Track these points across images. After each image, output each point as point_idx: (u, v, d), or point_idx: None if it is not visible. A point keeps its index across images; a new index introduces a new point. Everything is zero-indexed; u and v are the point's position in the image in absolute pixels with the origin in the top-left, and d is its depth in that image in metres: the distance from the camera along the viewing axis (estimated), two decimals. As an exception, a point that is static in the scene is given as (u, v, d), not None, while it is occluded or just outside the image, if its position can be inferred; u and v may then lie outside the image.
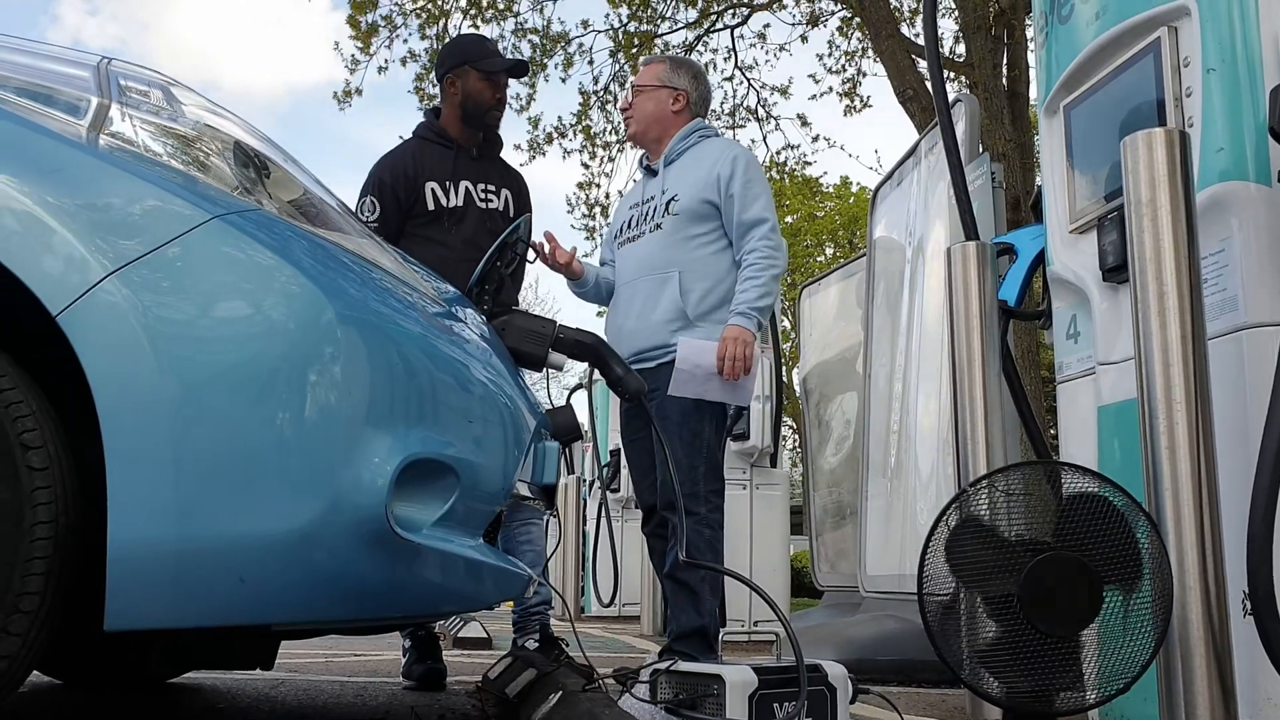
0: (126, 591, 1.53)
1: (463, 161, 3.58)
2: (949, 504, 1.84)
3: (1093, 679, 1.81)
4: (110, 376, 1.54)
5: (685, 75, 3.48)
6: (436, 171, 3.53)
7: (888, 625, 4.17)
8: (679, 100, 3.40)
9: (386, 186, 3.49)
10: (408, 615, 2.16)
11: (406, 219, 3.50)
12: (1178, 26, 2.36)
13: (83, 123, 1.73)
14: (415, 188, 3.50)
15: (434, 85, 11.45)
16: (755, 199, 3.20)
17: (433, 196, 3.50)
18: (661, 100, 3.40)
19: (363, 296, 1.77)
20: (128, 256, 1.58)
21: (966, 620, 1.85)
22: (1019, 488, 1.84)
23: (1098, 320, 2.57)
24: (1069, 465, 1.88)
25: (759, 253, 3.13)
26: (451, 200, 3.51)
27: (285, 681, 3.47)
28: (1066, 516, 1.80)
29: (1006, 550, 1.78)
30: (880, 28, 9.24)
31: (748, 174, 3.22)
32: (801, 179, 16.32)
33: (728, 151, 3.29)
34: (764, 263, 3.11)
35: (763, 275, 3.09)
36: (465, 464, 1.83)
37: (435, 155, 3.56)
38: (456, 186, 3.54)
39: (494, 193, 3.61)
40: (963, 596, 1.83)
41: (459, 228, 3.50)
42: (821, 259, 22.18)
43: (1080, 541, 1.79)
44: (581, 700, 2.15)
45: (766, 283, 3.09)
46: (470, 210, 3.54)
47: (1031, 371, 7.16)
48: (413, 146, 3.62)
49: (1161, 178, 2.01)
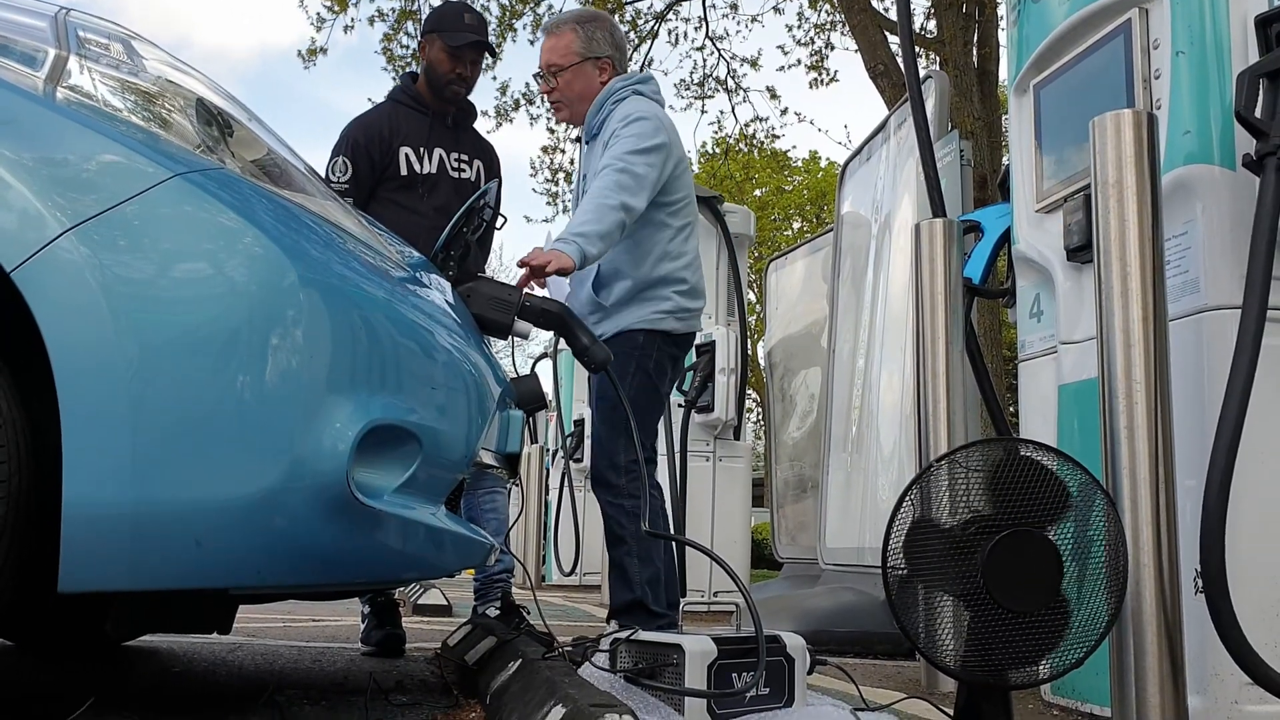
0: (81, 553, 1.51)
1: (438, 128, 3.53)
2: (911, 483, 1.85)
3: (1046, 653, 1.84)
4: (66, 335, 1.51)
5: (603, 38, 3.19)
6: (411, 136, 3.48)
7: (845, 598, 4.21)
8: (604, 68, 3.16)
9: (360, 147, 3.44)
10: (368, 581, 2.16)
11: (379, 182, 3.46)
12: (1148, 8, 2.37)
13: (39, 74, 1.69)
14: (389, 150, 3.45)
15: (400, 47, 11.38)
16: (620, 140, 2.96)
17: (406, 162, 3.46)
18: (588, 74, 3.15)
19: (326, 259, 1.75)
20: (85, 213, 1.55)
21: (924, 593, 1.87)
22: (979, 464, 1.85)
23: (1061, 300, 2.59)
24: (1029, 442, 1.90)
25: (596, 187, 2.90)
26: (425, 167, 3.48)
27: (242, 646, 3.46)
28: (1001, 488, 1.82)
29: (961, 541, 1.80)
30: (853, 2, 9.22)
31: (624, 130, 2.98)
32: (770, 153, 16.32)
33: (618, 115, 3.05)
34: (595, 193, 2.88)
35: (590, 202, 2.87)
36: (428, 431, 1.82)
37: (410, 120, 3.51)
38: (430, 153, 3.50)
39: (467, 163, 3.57)
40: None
41: (431, 195, 3.46)
42: (789, 233, 22.21)
43: (1024, 511, 1.81)
44: (541, 668, 2.15)
45: (591, 210, 2.85)
46: (443, 179, 3.50)
47: (993, 349, 7.22)
48: (387, 109, 3.57)
49: (1128, 159, 2.02)
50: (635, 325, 3.03)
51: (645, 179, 2.91)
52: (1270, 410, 2.13)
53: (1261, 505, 2.14)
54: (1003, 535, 1.78)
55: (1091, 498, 1.84)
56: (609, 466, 2.98)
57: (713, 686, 1.93)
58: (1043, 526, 1.81)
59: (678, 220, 3.10)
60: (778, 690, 2.04)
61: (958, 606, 1.82)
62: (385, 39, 11.42)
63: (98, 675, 2.69)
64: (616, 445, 2.97)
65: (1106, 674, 1.98)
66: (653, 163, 2.94)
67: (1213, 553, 1.90)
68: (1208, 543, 1.90)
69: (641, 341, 3.04)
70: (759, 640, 1.98)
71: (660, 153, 2.96)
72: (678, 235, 3.10)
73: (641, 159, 2.92)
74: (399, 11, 11.31)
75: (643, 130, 2.96)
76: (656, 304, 3.05)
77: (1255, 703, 2.08)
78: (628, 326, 3.03)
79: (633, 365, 3.01)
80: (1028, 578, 1.79)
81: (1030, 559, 1.79)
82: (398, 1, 11.32)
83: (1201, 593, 1.97)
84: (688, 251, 3.13)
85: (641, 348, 3.03)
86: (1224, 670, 2.05)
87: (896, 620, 1.84)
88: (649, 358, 3.05)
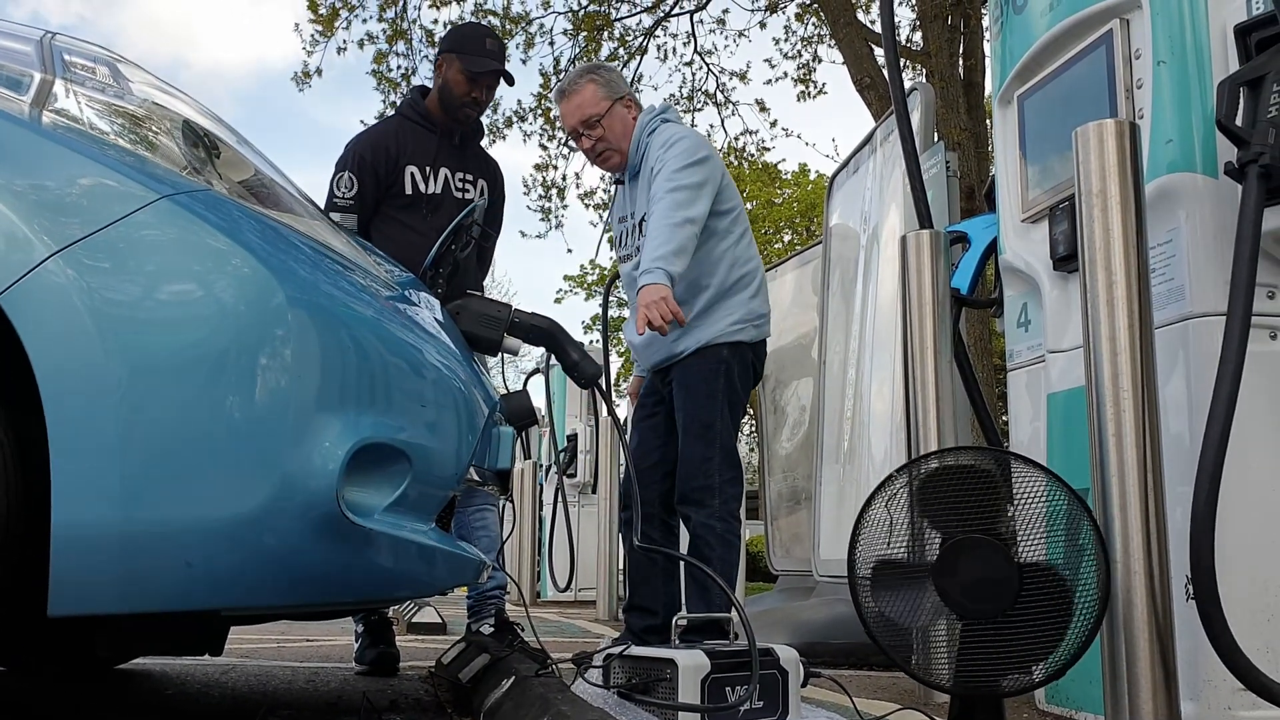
0: (71, 576, 1.51)
1: (444, 147, 3.51)
2: (861, 510, 1.88)
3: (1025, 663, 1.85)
4: (54, 358, 1.51)
5: (617, 79, 3.37)
6: (417, 155, 3.46)
7: (840, 609, 4.20)
8: (630, 105, 3.31)
9: (366, 163, 3.41)
10: (359, 600, 2.15)
11: (382, 199, 3.44)
12: (1129, 19, 2.39)
13: (25, 99, 1.69)
14: (395, 168, 3.43)
15: (389, 69, 11.40)
16: (665, 164, 3.08)
17: (411, 181, 3.44)
18: (621, 114, 3.27)
19: (314, 279, 1.75)
20: (72, 236, 1.55)
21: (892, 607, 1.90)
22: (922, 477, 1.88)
23: (1048, 309, 2.60)
24: (1005, 452, 1.91)
25: (657, 212, 3.01)
26: (430, 187, 3.46)
27: (235, 667, 3.44)
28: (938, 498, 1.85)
29: (909, 562, 1.83)
30: (838, 15, 9.26)
31: (663, 153, 3.11)
32: (760, 165, 16.36)
33: (656, 143, 3.18)
34: (658, 217, 2.99)
35: (656, 227, 2.98)
36: (418, 449, 1.82)
37: (417, 137, 3.49)
38: (436, 173, 3.48)
39: (471, 183, 3.56)
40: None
41: (434, 215, 3.44)
42: (779, 245, 22.25)
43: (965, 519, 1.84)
44: (534, 685, 2.15)
45: (659, 233, 2.96)
46: (446, 199, 3.49)
47: (983, 359, 7.24)
48: (394, 125, 3.55)
49: (1112, 168, 2.03)
50: (717, 339, 3.11)
51: (699, 186, 3.05)
52: (1256, 415, 2.14)
53: (1250, 510, 2.14)
54: (950, 543, 1.81)
55: (1078, 520, 1.85)
56: (703, 487, 3.01)
57: (706, 701, 1.93)
58: (994, 530, 1.83)
59: (738, 227, 3.25)
60: (771, 703, 2.04)
61: (936, 619, 1.84)
62: (376, 60, 11.46)
63: (90, 698, 2.68)
64: (712, 464, 3.01)
65: (1100, 681, 1.98)
66: (701, 172, 3.08)
67: (1202, 558, 1.91)
68: (1197, 549, 1.91)
69: (726, 355, 3.13)
70: (752, 653, 1.98)
71: (708, 163, 3.12)
72: (740, 240, 3.24)
73: (688, 173, 3.06)
74: (390, 32, 11.35)
75: (684, 148, 3.11)
76: (731, 314, 3.14)
77: (1248, 708, 2.08)
78: (709, 341, 3.10)
79: (721, 380, 3.09)
80: (981, 582, 1.80)
81: (981, 563, 1.81)
82: (387, 24, 11.37)
83: (1192, 599, 1.97)
84: (753, 255, 3.28)
85: (726, 361, 3.13)
86: (1216, 676, 2.06)
87: (877, 644, 1.86)
88: (734, 370, 3.14)
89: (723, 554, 3.00)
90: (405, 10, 11.36)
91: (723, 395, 3.11)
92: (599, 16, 11.71)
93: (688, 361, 3.14)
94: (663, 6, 12.20)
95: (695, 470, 3.05)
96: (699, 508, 3.03)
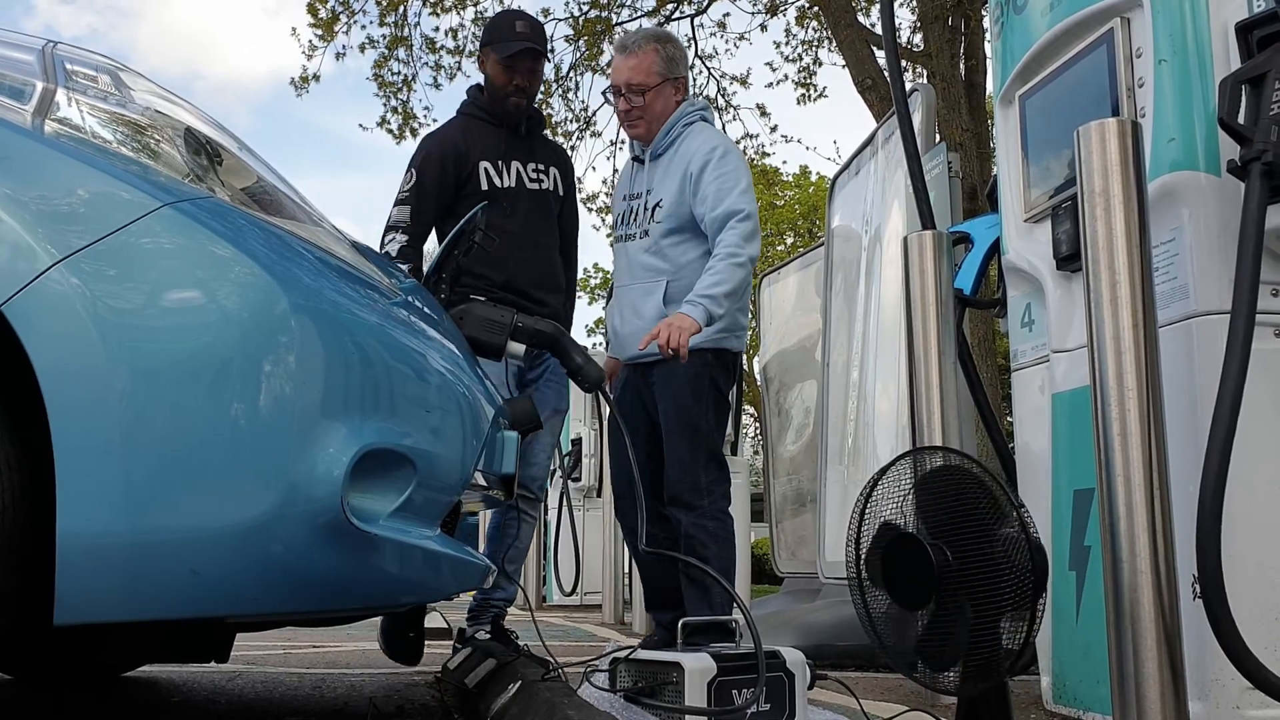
0: (77, 585, 1.51)
1: (512, 140, 3.43)
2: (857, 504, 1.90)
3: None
4: (58, 367, 1.51)
5: (680, 58, 3.30)
6: (488, 150, 3.38)
7: (845, 611, 4.19)
8: (680, 88, 3.27)
9: (433, 157, 3.33)
10: (365, 606, 2.15)
11: (457, 197, 3.35)
12: (1130, 18, 2.38)
13: (27, 108, 1.70)
14: (467, 163, 3.35)
15: (391, 74, 11.41)
16: (727, 193, 3.11)
17: (486, 176, 3.35)
18: (667, 95, 3.23)
19: (318, 285, 1.75)
20: (75, 245, 1.55)
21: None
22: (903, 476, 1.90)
23: (1051, 308, 2.60)
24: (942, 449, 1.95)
25: (724, 243, 3.06)
26: (504, 181, 3.38)
27: (242, 674, 3.44)
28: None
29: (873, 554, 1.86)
30: (839, 17, 9.26)
31: (720, 168, 3.13)
32: (761, 169, 16.36)
33: (702, 147, 3.18)
34: (724, 251, 3.05)
35: (720, 264, 3.03)
36: (422, 454, 1.82)
37: (485, 132, 3.42)
38: (509, 166, 3.40)
39: (543, 172, 3.47)
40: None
41: (514, 211, 3.36)
42: (781, 248, 22.24)
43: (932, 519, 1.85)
44: (540, 690, 2.15)
45: (722, 270, 3.01)
46: (521, 192, 3.40)
47: (987, 359, 7.24)
48: (460, 123, 3.47)
49: (1114, 167, 2.02)
50: (702, 344, 3.09)
51: (755, 214, 3.14)
52: (1262, 413, 2.14)
53: (1257, 508, 2.14)
54: (890, 540, 1.84)
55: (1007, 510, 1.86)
56: (691, 488, 3.02)
57: (713, 704, 1.92)
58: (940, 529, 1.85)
59: None
60: (778, 706, 2.04)
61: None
62: (376, 65, 11.47)
63: (96, 706, 2.68)
64: (699, 466, 3.01)
65: (1107, 682, 1.98)
66: (752, 195, 3.17)
67: (1209, 558, 1.90)
68: (1204, 548, 1.90)
69: (711, 360, 3.14)
70: (758, 656, 1.98)
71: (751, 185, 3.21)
72: None
73: (749, 198, 3.14)
74: (390, 38, 11.36)
75: (737, 166, 3.17)
76: (719, 321, 3.10)
77: (1256, 707, 2.08)
78: (696, 345, 3.07)
79: (707, 383, 3.10)
80: (911, 577, 1.85)
81: (912, 560, 1.82)
82: (389, 28, 11.38)
83: (1199, 598, 1.97)
84: None
85: (712, 365, 3.14)
86: (1224, 675, 2.05)
87: (883, 651, 1.87)
88: (719, 374, 3.15)
89: (718, 551, 3.00)
90: (405, 17, 11.39)
91: (709, 399, 3.12)
92: (600, 21, 11.72)
93: (673, 363, 3.12)
94: (663, 11, 12.21)
95: (683, 472, 3.05)
96: (688, 510, 3.03)
